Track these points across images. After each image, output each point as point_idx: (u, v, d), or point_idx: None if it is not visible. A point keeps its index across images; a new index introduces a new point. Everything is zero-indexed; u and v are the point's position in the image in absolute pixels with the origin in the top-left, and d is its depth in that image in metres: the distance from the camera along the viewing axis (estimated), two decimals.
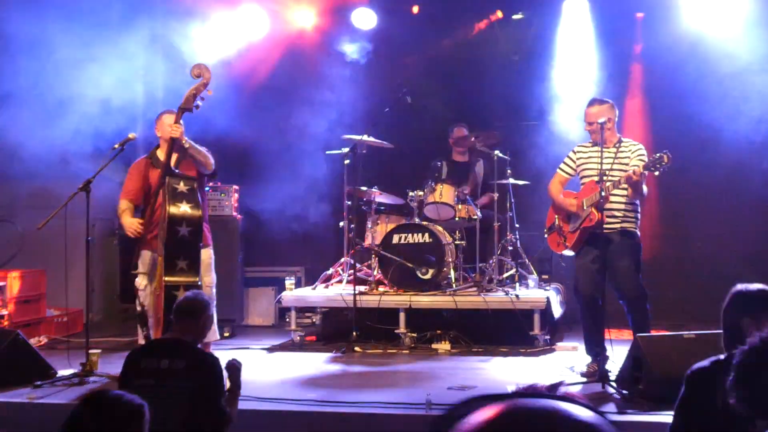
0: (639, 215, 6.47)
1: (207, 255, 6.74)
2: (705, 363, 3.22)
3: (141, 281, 6.52)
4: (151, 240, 6.54)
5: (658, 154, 5.93)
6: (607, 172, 6.16)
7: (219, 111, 9.23)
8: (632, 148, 6.42)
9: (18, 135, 9.30)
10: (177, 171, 6.52)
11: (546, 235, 6.89)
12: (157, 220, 6.43)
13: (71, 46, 9.01)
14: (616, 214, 6.35)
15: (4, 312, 7.93)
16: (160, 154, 6.72)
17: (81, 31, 9.15)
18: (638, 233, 6.45)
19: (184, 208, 6.25)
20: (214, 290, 6.83)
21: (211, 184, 9.30)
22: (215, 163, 6.78)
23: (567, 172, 6.72)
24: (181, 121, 6.58)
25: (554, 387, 1.78)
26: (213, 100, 6.73)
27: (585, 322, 6.52)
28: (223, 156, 9.10)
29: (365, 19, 10.13)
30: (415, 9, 10.18)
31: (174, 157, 6.61)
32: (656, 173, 5.99)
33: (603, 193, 6.06)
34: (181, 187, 6.32)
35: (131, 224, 6.56)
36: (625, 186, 6.17)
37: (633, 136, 7.07)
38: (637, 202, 6.42)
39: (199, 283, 6.30)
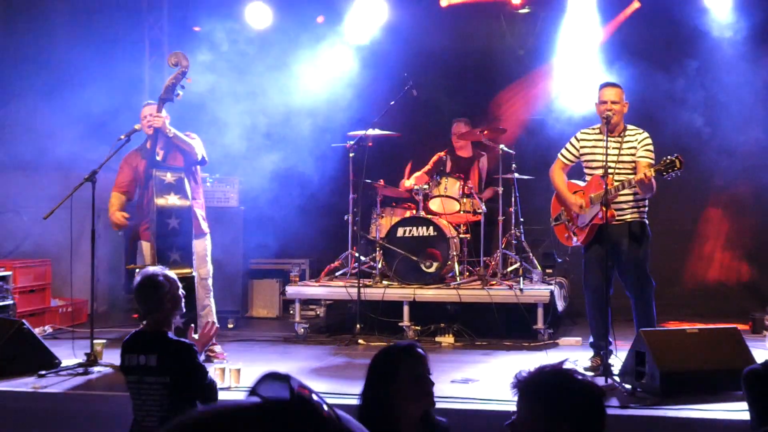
0: (647, 204, 6.42)
1: (202, 246, 6.73)
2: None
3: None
4: (145, 232, 6.55)
5: (669, 159, 5.83)
6: (613, 165, 6.13)
7: (223, 101, 9.26)
8: (638, 138, 6.36)
9: (26, 126, 9.35)
10: (163, 162, 6.50)
11: (552, 225, 6.84)
12: (148, 212, 6.43)
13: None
14: (624, 207, 6.32)
15: (10, 301, 7.95)
16: (149, 145, 6.71)
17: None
18: (647, 223, 6.42)
19: (172, 200, 6.24)
20: (210, 281, 6.82)
21: (217, 175, 9.33)
22: (203, 151, 6.75)
23: (569, 159, 6.64)
24: (165, 112, 6.56)
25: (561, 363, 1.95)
26: (217, 91, 6.73)
27: (591, 316, 6.50)
28: (227, 147, 9.15)
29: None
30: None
31: (159, 148, 6.60)
32: (668, 178, 5.93)
33: (611, 192, 6.03)
34: (169, 178, 6.30)
35: (116, 218, 6.59)
36: (634, 186, 6.12)
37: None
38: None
39: (193, 274, 6.29)
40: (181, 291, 4.29)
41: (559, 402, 2.20)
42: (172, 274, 4.35)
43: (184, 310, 4.35)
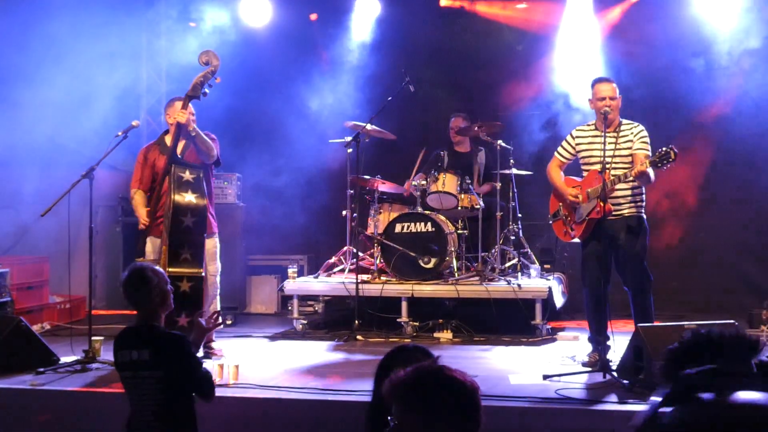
0: (644, 199, 6.43)
1: (212, 244, 6.76)
2: None
3: None
4: (157, 227, 6.54)
5: (664, 150, 5.84)
6: (610, 160, 6.13)
7: (223, 98, 9.25)
8: (634, 131, 6.35)
9: (23, 123, 9.33)
10: (183, 159, 6.51)
11: (551, 222, 6.85)
12: (163, 206, 6.42)
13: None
14: (621, 201, 6.31)
15: (7, 299, 7.94)
16: (168, 140, 6.71)
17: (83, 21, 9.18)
18: (644, 217, 6.41)
19: (189, 198, 6.24)
20: (218, 279, 6.84)
21: (215, 172, 9.31)
22: (218, 153, 6.78)
23: (565, 157, 6.65)
24: (191, 107, 6.58)
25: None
26: (214, 87, 6.72)
27: (589, 311, 6.50)
28: (226, 143, 9.13)
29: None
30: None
31: (181, 144, 6.62)
32: (663, 169, 5.93)
33: (608, 186, 6.02)
34: (187, 176, 6.31)
35: (145, 218, 6.60)
36: (631, 179, 6.12)
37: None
38: (643, 187, 6.38)
39: (203, 273, 6.29)
40: (169, 286, 4.27)
41: (436, 403, 2.20)
42: (159, 268, 4.34)
43: (173, 306, 4.30)
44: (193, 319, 5.53)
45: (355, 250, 8.48)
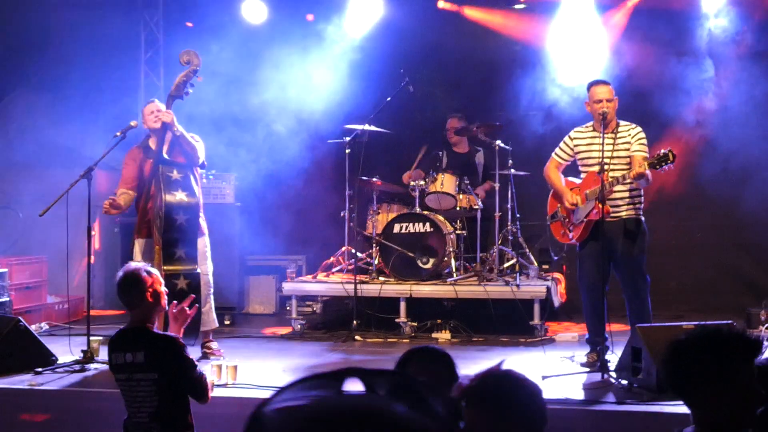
0: (643, 201, 6.44)
1: (203, 244, 6.75)
2: None
3: None
4: (146, 228, 6.55)
5: (662, 152, 5.85)
6: (608, 161, 6.13)
7: (218, 97, 9.25)
8: (631, 132, 6.37)
9: (21, 123, 9.34)
10: (169, 159, 6.49)
11: (549, 223, 6.86)
12: (151, 208, 6.42)
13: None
14: (620, 203, 6.33)
15: (6, 299, 7.94)
16: (152, 143, 6.71)
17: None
18: (643, 219, 6.42)
19: (180, 196, 6.25)
20: (210, 278, 6.84)
21: (213, 171, 9.31)
22: (205, 154, 6.75)
23: (563, 158, 6.66)
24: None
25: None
26: (212, 86, 6.71)
27: (587, 312, 6.51)
28: (223, 143, 9.14)
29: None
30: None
31: (166, 145, 6.60)
32: (662, 171, 5.94)
33: (606, 187, 6.03)
34: (175, 175, 6.31)
35: (105, 204, 6.59)
36: (630, 181, 6.13)
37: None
38: (641, 189, 6.40)
39: (198, 271, 6.29)
40: (163, 287, 4.25)
41: (508, 407, 2.25)
42: (154, 269, 4.32)
43: (167, 307, 4.28)
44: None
45: (353, 251, 8.49)
